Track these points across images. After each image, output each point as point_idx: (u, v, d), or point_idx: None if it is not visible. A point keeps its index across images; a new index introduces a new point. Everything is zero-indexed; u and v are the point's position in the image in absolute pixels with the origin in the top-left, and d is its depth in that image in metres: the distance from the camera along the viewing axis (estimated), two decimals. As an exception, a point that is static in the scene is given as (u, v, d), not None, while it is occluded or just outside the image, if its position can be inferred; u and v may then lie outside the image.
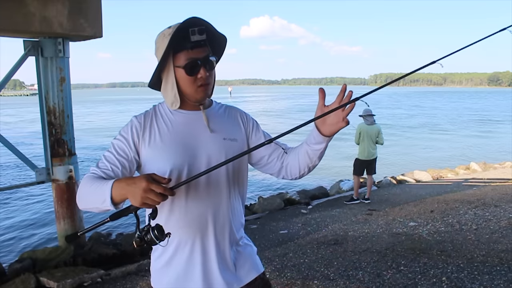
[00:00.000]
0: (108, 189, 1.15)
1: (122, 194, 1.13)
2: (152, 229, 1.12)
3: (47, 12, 4.37)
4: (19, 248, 6.44)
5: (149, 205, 1.10)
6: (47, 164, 4.88)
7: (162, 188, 1.08)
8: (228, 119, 1.43)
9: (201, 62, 1.28)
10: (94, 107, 49.15)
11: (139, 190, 1.07)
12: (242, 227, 1.47)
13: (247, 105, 48.36)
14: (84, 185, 1.24)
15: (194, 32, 1.24)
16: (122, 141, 1.32)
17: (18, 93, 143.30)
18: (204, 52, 1.28)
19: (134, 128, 1.33)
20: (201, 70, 1.28)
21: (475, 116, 34.22)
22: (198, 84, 1.30)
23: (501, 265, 3.57)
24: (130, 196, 1.10)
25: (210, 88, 1.35)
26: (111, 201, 1.14)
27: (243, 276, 1.40)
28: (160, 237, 1.12)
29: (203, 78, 1.29)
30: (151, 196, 1.07)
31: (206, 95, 1.35)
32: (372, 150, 6.76)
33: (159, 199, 1.08)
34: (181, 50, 1.27)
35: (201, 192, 1.32)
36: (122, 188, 1.12)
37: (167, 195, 1.09)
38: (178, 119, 1.36)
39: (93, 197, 1.19)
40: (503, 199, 6.28)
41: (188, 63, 1.27)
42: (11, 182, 10.74)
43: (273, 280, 3.66)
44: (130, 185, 1.10)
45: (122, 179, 1.16)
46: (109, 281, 3.98)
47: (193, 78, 1.29)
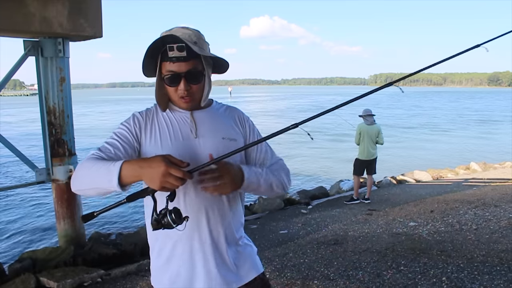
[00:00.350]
0: (117, 169, 1.11)
1: (134, 176, 1.10)
2: (170, 212, 1.10)
3: (47, 12, 4.37)
4: (19, 248, 6.44)
5: (168, 189, 1.09)
6: (47, 164, 4.88)
7: (182, 172, 1.07)
8: (228, 119, 1.44)
9: (182, 76, 1.29)
10: (94, 107, 49.17)
11: (157, 174, 1.06)
12: (241, 227, 1.47)
13: (247, 105, 48.37)
14: (84, 165, 1.20)
15: (171, 48, 1.25)
16: (124, 129, 1.34)
17: (18, 93, 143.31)
18: (188, 66, 1.28)
19: (136, 120, 1.36)
20: (181, 83, 1.30)
21: (475, 116, 34.23)
22: (179, 95, 1.32)
23: (501, 265, 3.57)
24: (147, 179, 1.08)
25: (195, 99, 1.36)
26: (118, 182, 1.11)
27: (242, 276, 1.40)
28: (178, 221, 1.10)
29: (182, 90, 1.30)
30: (171, 180, 1.06)
31: (190, 106, 1.36)
32: (372, 150, 6.76)
33: (179, 183, 1.07)
34: (165, 61, 1.29)
35: (200, 191, 1.32)
36: (134, 170, 1.10)
37: (186, 178, 1.08)
38: (177, 118, 1.38)
39: (95, 177, 1.16)
40: (503, 199, 6.27)
41: (167, 75, 1.30)
42: (11, 182, 10.74)
43: (273, 280, 3.66)
44: (145, 168, 1.08)
45: (134, 161, 1.14)
46: (109, 281, 3.98)
47: (174, 89, 1.32)
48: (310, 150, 16.56)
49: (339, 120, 26.33)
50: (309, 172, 12.38)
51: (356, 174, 6.97)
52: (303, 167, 13.22)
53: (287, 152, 15.81)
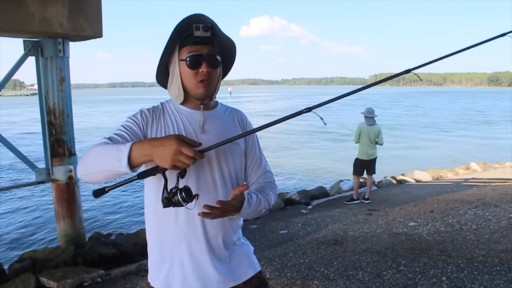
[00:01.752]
0: (127, 148, 1.11)
1: (145, 155, 1.09)
2: (180, 191, 1.11)
3: (47, 12, 4.37)
4: (19, 248, 6.44)
5: (179, 168, 1.09)
6: (47, 164, 4.88)
7: (193, 151, 1.07)
8: (232, 122, 1.45)
9: (204, 57, 1.30)
10: (95, 107, 49.16)
11: (169, 152, 1.05)
12: (239, 227, 1.48)
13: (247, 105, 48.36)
14: (93, 149, 1.18)
15: (198, 28, 1.27)
16: (131, 122, 1.34)
17: (18, 93, 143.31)
18: (209, 49, 1.30)
19: (144, 115, 1.36)
20: (203, 65, 1.30)
21: (475, 116, 34.22)
22: (199, 79, 1.31)
23: (501, 265, 3.57)
24: (158, 158, 1.07)
25: (212, 86, 1.36)
26: (128, 162, 1.10)
27: (239, 275, 1.41)
28: (188, 199, 1.11)
29: (204, 73, 1.30)
30: (182, 158, 1.06)
31: (207, 92, 1.35)
32: (371, 150, 6.76)
33: (190, 162, 1.07)
34: (186, 45, 1.30)
35: (199, 190, 1.32)
36: (145, 149, 1.09)
37: (197, 158, 1.08)
38: (184, 117, 1.38)
39: (105, 158, 1.14)
40: (503, 199, 6.28)
41: (190, 56, 1.29)
42: (11, 182, 10.74)
43: (273, 280, 3.66)
44: (157, 147, 1.07)
45: (145, 140, 1.14)
46: (109, 281, 3.98)
47: (195, 72, 1.31)
48: (310, 150, 16.56)
49: (340, 121, 26.34)
50: (309, 172, 12.38)
51: (356, 174, 6.97)
52: (303, 167, 13.22)
53: (287, 152, 15.82)
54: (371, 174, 6.99)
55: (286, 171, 12.36)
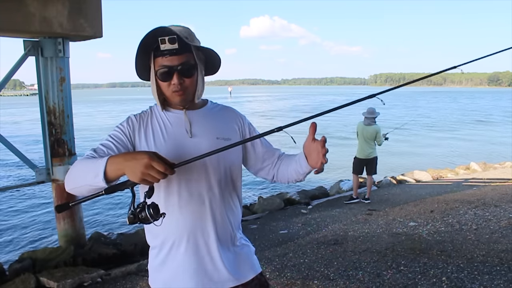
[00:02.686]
0: (103, 164, 1.11)
1: (118, 169, 1.10)
2: (148, 207, 1.09)
3: (47, 12, 4.37)
4: (19, 248, 6.44)
5: (148, 182, 1.08)
6: (47, 164, 4.88)
7: (164, 166, 1.06)
8: (222, 119, 1.44)
9: (174, 69, 1.29)
10: (95, 107, 49.16)
11: (140, 165, 1.05)
12: (239, 227, 1.47)
13: (247, 105, 48.35)
14: (76, 165, 1.21)
15: (163, 41, 1.26)
16: (118, 131, 1.35)
17: (18, 93, 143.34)
18: (180, 59, 1.29)
19: (131, 122, 1.37)
20: (174, 76, 1.30)
21: (475, 116, 34.22)
22: (172, 89, 1.32)
23: (501, 265, 3.57)
24: (129, 171, 1.07)
25: (189, 93, 1.35)
26: (104, 176, 1.10)
27: (240, 276, 1.40)
28: (155, 216, 1.09)
29: (176, 85, 1.30)
30: (152, 172, 1.05)
31: (184, 100, 1.35)
32: (368, 149, 6.77)
33: (160, 177, 1.06)
34: (157, 56, 1.30)
35: (196, 192, 1.33)
36: (119, 163, 1.09)
37: (167, 173, 1.08)
38: (171, 119, 1.38)
39: (84, 174, 1.15)
40: (503, 199, 6.27)
41: (159, 70, 1.30)
42: (11, 182, 10.74)
43: (273, 280, 3.66)
44: (129, 160, 1.08)
45: (119, 154, 1.14)
46: (109, 281, 3.98)
47: (167, 84, 1.32)
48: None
49: (341, 120, 26.34)
50: (309, 172, 12.37)
51: (354, 173, 6.98)
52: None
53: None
54: (371, 174, 6.98)
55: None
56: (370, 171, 6.93)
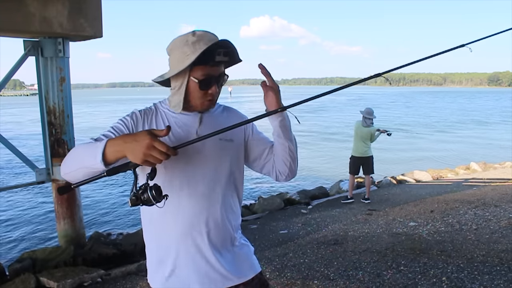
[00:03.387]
0: (101, 146, 1.10)
1: (118, 151, 1.08)
2: (150, 189, 1.08)
3: (47, 12, 4.37)
4: (19, 248, 6.44)
5: (150, 163, 1.07)
6: (47, 164, 4.88)
7: (166, 146, 1.06)
8: (225, 120, 1.44)
9: (215, 79, 1.32)
10: (95, 107, 49.17)
11: (141, 146, 1.04)
12: (238, 227, 1.47)
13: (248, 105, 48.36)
14: (74, 149, 1.20)
15: (220, 53, 1.29)
16: (121, 124, 1.34)
17: (18, 93, 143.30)
18: (221, 70, 1.33)
19: (135, 116, 1.35)
20: (213, 87, 1.32)
21: (475, 116, 34.22)
22: (207, 98, 1.34)
23: (501, 265, 3.57)
24: (130, 153, 1.06)
25: (216, 101, 1.40)
26: (102, 157, 1.08)
27: (240, 276, 1.40)
28: (157, 198, 1.08)
29: (213, 94, 1.34)
30: (154, 153, 1.04)
31: (211, 108, 1.40)
32: (364, 147, 6.80)
33: (162, 157, 1.06)
34: (201, 64, 1.28)
35: (196, 191, 1.32)
36: (118, 145, 1.08)
37: (170, 154, 1.07)
38: (176, 119, 1.37)
39: (82, 157, 1.14)
40: (503, 199, 6.27)
41: (204, 79, 1.30)
42: (11, 182, 10.74)
43: (273, 280, 3.66)
44: (129, 142, 1.06)
45: (118, 137, 1.13)
46: (109, 281, 3.98)
47: (204, 92, 1.33)
48: (310, 150, 16.56)
49: (342, 121, 26.34)
50: (309, 172, 12.38)
51: (351, 173, 6.99)
52: (303, 167, 13.22)
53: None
54: (368, 173, 6.99)
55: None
56: (368, 171, 6.94)
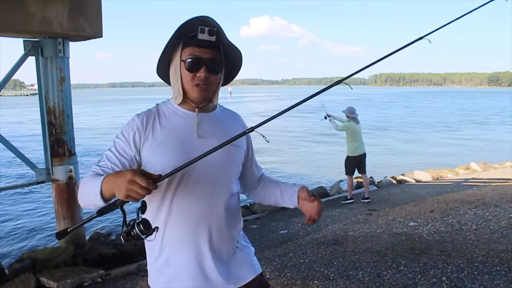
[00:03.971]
0: (99, 183, 1.15)
1: (110, 188, 1.12)
2: (138, 224, 1.09)
3: (47, 12, 4.37)
4: (19, 248, 6.44)
5: (134, 198, 1.08)
6: (47, 164, 4.88)
7: (146, 181, 1.06)
8: (232, 124, 1.43)
9: (204, 62, 1.28)
10: (95, 107, 49.18)
11: (123, 181, 1.07)
12: (240, 228, 1.47)
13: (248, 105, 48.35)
14: (83, 183, 1.24)
15: (203, 31, 1.24)
16: (122, 140, 1.31)
17: (18, 93, 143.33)
18: (211, 54, 1.28)
19: (136, 127, 1.32)
20: (202, 69, 1.28)
21: (475, 116, 34.22)
22: (195, 82, 1.29)
23: (501, 265, 3.57)
24: (116, 189, 1.09)
25: (209, 92, 1.34)
26: (101, 196, 1.14)
27: (241, 277, 1.40)
28: (147, 232, 1.09)
29: (201, 77, 1.28)
30: (135, 187, 1.06)
31: (202, 97, 1.33)
32: (361, 146, 6.85)
33: (143, 192, 1.07)
34: (188, 46, 1.28)
35: (201, 195, 1.32)
36: (110, 182, 1.12)
37: (150, 188, 1.08)
38: (181, 120, 1.35)
39: (87, 193, 1.20)
40: (503, 199, 6.27)
41: (189, 58, 1.28)
42: (11, 182, 10.74)
43: (273, 280, 3.66)
44: (117, 178, 1.10)
45: (112, 173, 1.16)
46: (109, 281, 3.98)
47: (192, 75, 1.29)
48: (310, 150, 16.56)
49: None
50: (309, 172, 12.38)
51: (349, 174, 6.97)
52: (303, 167, 13.22)
53: (287, 152, 15.82)
54: (364, 172, 6.99)
55: (286, 171, 12.36)
56: (363, 170, 6.95)
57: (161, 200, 1.32)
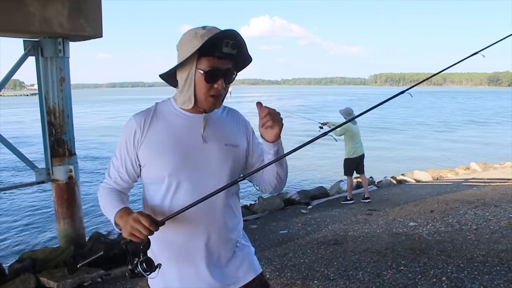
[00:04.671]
0: (113, 215, 1.28)
1: (119, 223, 1.24)
2: (141, 263, 1.18)
3: (47, 12, 4.37)
4: (19, 248, 6.44)
5: (136, 237, 1.16)
6: (47, 164, 4.88)
7: (149, 221, 1.15)
8: (230, 124, 1.43)
9: (222, 73, 1.28)
10: (95, 107, 49.16)
11: (129, 220, 1.17)
12: (240, 229, 1.47)
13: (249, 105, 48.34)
14: (101, 197, 1.37)
15: (227, 44, 1.25)
16: (123, 146, 1.34)
17: (18, 93, 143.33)
18: (228, 64, 1.29)
19: (134, 130, 1.32)
20: (220, 81, 1.29)
21: (475, 116, 34.21)
22: (211, 93, 1.30)
23: (501, 265, 3.57)
24: (122, 226, 1.20)
25: (221, 101, 1.36)
26: (115, 225, 1.28)
27: (241, 277, 1.41)
28: (149, 269, 1.19)
29: (219, 89, 1.29)
30: (139, 227, 1.15)
31: (215, 106, 1.35)
32: (361, 147, 6.86)
33: (145, 232, 1.15)
34: (207, 55, 1.26)
35: (198, 196, 1.31)
36: (120, 218, 1.24)
37: (152, 229, 1.16)
38: (181, 121, 1.34)
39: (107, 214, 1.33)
40: (503, 199, 6.27)
41: (210, 70, 1.27)
42: (11, 182, 10.74)
43: (273, 280, 3.66)
44: (124, 216, 1.21)
45: (124, 209, 1.26)
46: (109, 281, 3.98)
47: (209, 86, 1.29)
48: (310, 150, 16.55)
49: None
50: (309, 172, 12.38)
51: (349, 175, 6.97)
52: (303, 167, 13.22)
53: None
54: (362, 173, 7.00)
55: (286, 171, 12.33)
56: (362, 170, 6.96)
57: (161, 202, 1.32)
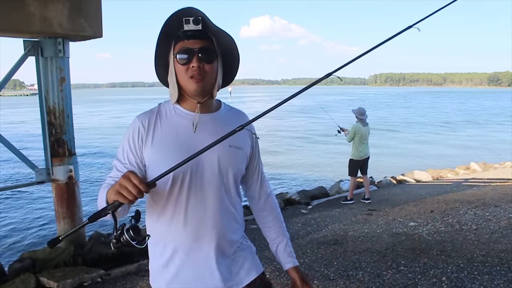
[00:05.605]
0: (105, 194, 1.17)
1: (109, 193, 1.14)
2: (127, 230, 1.06)
3: (47, 12, 4.37)
4: (19, 248, 6.44)
5: (124, 197, 1.07)
6: (47, 164, 4.87)
7: (139, 179, 1.07)
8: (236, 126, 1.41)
9: (195, 52, 1.25)
10: (95, 107, 49.18)
11: (118, 180, 1.09)
12: (241, 229, 1.47)
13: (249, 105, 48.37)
14: (99, 194, 1.27)
15: (188, 21, 1.23)
16: (126, 148, 1.32)
17: (18, 93, 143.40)
18: (202, 43, 1.26)
19: (137, 131, 1.32)
20: (194, 59, 1.25)
21: (475, 116, 34.21)
22: (189, 74, 1.27)
23: (501, 265, 3.57)
24: (112, 190, 1.10)
25: (207, 82, 1.30)
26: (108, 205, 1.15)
27: (242, 277, 1.40)
28: (137, 237, 1.06)
29: (195, 68, 1.26)
30: (127, 184, 1.06)
31: (200, 89, 1.29)
32: (366, 149, 6.86)
33: (134, 191, 1.06)
34: (178, 41, 1.27)
35: (204, 198, 1.32)
36: (111, 190, 1.13)
37: (142, 189, 1.07)
38: (183, 120, 1.33)
39: (100, 204, 1.22)
40: (503, 199, 6.28)
41: (179, 51, 1.26)
42: (11, 182, 10.74)
43: (273, 280, 3.66)
44: (113, 185, 1.12)
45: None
46: (109, 281, 3.98)
47: (186, 68, 1.27)
48: (310, 150, 16.56)
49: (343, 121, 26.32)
50: (309, 172, 12.38)
51: (352, 175, 6.98)
52: (303, 167, 13.22)
53: (287, 152, 15.82)
54: (365, 173, 7.01)
55: (286, 171, 12.35)
56: (365, 171, 6.97)
57: (165, 203, 1.32)
